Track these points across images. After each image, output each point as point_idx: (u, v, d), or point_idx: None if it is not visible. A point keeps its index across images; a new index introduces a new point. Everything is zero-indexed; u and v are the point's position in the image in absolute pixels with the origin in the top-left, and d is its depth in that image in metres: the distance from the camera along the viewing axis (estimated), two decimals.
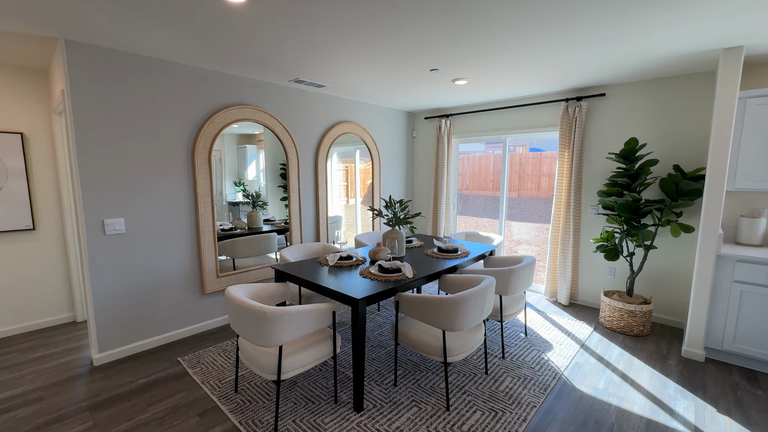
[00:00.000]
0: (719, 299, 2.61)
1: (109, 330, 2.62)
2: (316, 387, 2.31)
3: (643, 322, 3.06)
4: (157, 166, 2.75)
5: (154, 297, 2.81)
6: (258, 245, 3.50)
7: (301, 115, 3.70)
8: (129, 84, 2.57)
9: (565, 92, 3.71)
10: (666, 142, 3.20)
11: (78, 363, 2.61)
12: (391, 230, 2.96)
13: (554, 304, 3.79)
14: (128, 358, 2.67)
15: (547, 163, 11.08)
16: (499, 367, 2.55)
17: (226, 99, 3.10)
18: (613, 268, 3.57)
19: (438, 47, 2.46)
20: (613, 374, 2.50)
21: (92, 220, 2.49)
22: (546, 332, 3.12)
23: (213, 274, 3.12)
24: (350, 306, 2.01)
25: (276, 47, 2.45)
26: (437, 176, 4.82)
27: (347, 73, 3.10)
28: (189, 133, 2.90)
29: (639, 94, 3.30)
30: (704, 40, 2.33)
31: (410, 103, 4.39)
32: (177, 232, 2.89)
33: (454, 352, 2.09)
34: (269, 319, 1.77)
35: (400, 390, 2.29)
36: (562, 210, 3.75)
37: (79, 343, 2.92)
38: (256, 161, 3.39)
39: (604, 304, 3.25)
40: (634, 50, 2.52)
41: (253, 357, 1.97)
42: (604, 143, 3.53)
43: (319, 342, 2.07)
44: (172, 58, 2.69)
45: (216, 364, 2.59)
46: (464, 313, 2.00)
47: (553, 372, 2.50)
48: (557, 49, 2.50)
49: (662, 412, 2.10)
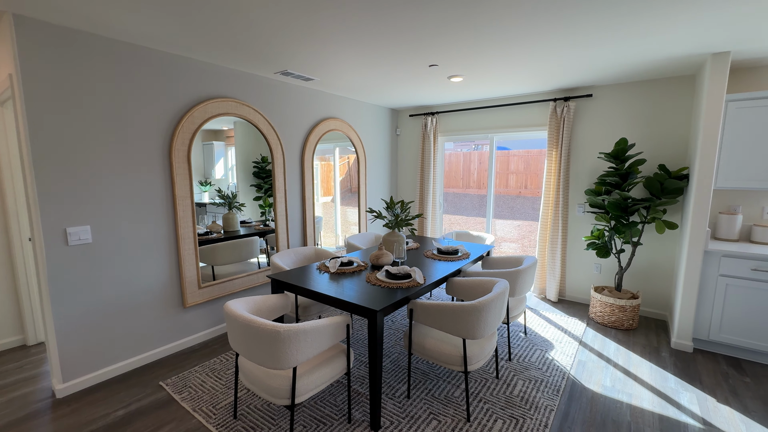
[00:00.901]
0: (706, 292, 2.75)
1: (75, 355, 2.26)
2: (325, 406, 2.13)
3: (632, 316, 3.18)
4: (129, 166, 2.41)
5: (127, 314, 2.47)
6: (240, 251, 3.22)
7: (287, 110, 3.45)
8: (92, 70, 2.22)
9: (553, 92, 3.76)
10: (650, 142, 3.33)
11: (36, 396, 2.23)
12: (392, 233, 2.83)
13: (544, 301, 3.85)
14: (99, 386, 2.33)
15: (513, 161, 11.48)
16: (508, 370, 2.51)
17: (206, 91, 2.79)
18: (599, 264, 3.68)
19: (440, 42, 2.35)
20: (615, 370, 2.54)
21: (52, 228, 2.12)
22: (543, 330, 3.14)
23: (194, 285, 2.81)
24: (366, 318, 1.86)
25: (266, 33, 2.22)
26: (423, 175, 4.74)
27: (341, 66, 2.91)
28: (165, 128, 2.57)
29: (624, 95, 3.41)
30: (693, 45, 2.41)
31: (396, 100, 4.26)
32: (153, 239, 2.56)
33: (473, 360, 2.01)
34: (284, 339, 1.57)
35: (414, 402, 2.17)
36: (551, 208, 3.81)
37: (33, 371, 2.51)
38: (224, 159, 3.08)
39: (595, 300, 3.34)
40: (623, 53, 2.57)
41: (259, 380, 1.76)
42: (591, 143, 3.62)
43: (332, 359, 1.90)
44: (144, 42, 2.36)
45: (206, 386, 2.32)
46: (486, 319, 1.92)
47: (560, 372, 2.50)
48: (551, 49, 2.48)
49: (670, 406, 2.15)
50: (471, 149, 13.79)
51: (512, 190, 11.37)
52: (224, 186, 3.10)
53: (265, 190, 3.38)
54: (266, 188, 3.38)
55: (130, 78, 2.37)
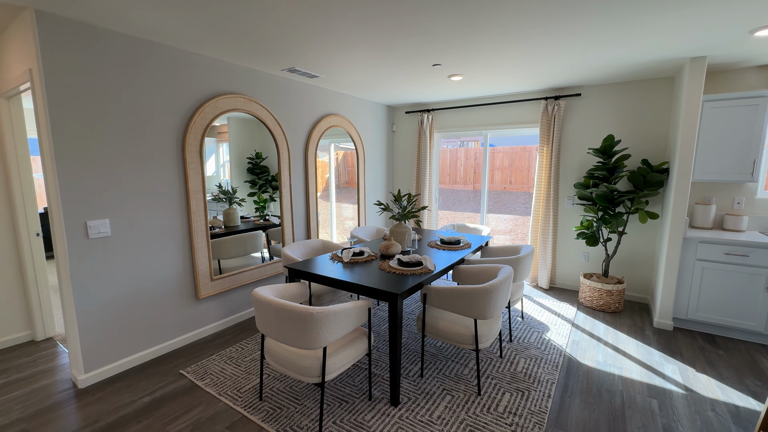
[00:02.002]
0: (684, 276, 3.02)
1: (96, 346, 2.31)
2: (345, 386, 2.26)
3: (618, 300, 3.44)
4: (145, 161, 2.46)
5: (144, 305, 2.53)
6: (245, 245, 3.29)
7: (292, 106, 3.53)
8: (111, 65, 2.25)
9: (545, 91, 3.98)
10: (634, 139, 3.59)
11: (57, 387, 2.27)
12: (399, 224, 2.97)
13: (536, 289, 4.09)
14: (119, 375, 2.38)
15: (499, 157, 11.81)
16: (510, 350, 2.71)
17: (217, 87, 2.85)
18: (587, 253, 3.94)
19: (447, 43, 2.50)
20: (606, 348, 2.78)
21: (74, 222, 2.16)
22: (539, 315, 3.36)
23: (207, 278, 2.88)
24: (386, 301, 2.00)
25: (281, 31, 2.31)
26: (419, 171, 4.90)
27: (348, 65, 3.02)
28: (178, 123, 2.62)
29: (611, 95, 3.65)
30: (674, 50, 2.64)
31: (393, 97, 4.39)
32: (167, 232, 2.62)
33: (483, 339, 2.18)
34: (316, 320, 1.70)
35: (427, 381, 2.33)
36: (542, 201, 4.03)
37: (48, 365, 2.53)
38: (216, 155, 3.08)
39: (585, 286, 3.58)
40: (610, 56, 2.79)
41: (290, 361, 1.87)
42: (579, 139, 3.86)
43: (355, 340, 2.03)
44: (159, 39, 2.41)
45: (226, 373, 2.41)
46: (495, 300, 2.09)
47: (557, 350, 2.71)
48: (546, 50, 2.66)
49: (656, 376, 2.40)
50: (457, 146, 14.06)
51: (497, 185, 11.70)
52: (216, 182, 3.09)
53: (260, 186, 3.41)
54: (261, 184, 3.41)
55: (145, 74, 2.41)
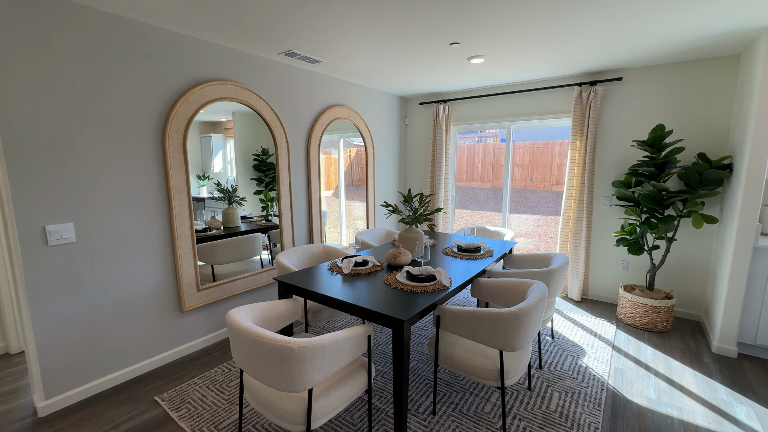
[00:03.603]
0: (753, 293, 2.51)
1: (58, 368, 2.01)
2: (341, 424, 1.89)
3: (667, 318, 2.94)
4: (118, 156, 2.14)
5: (117, 321, 2.22)
6: (241, 249, 2.96)
7: (291, 96, 3.17)
8: (73, 45, 1.94)
9: (578, 76, 3.49)
10: (686, 130, 3.07)
11: (16, 414, 1.99)
12: (409, 229, 2.57)
13: (565, 300, 3.62)
14: (86, 402, 2.08)
15: (519, 153, 11.22)
16: (540, 380, 2.28)
17: (204, 73, 2.52)
18: (626, 261, 3.44)
19: (465, 15, 2.07)
20: (657, 379, 2.31)
21: (28, 226, 1.86)
22: (571, 333, 2.90)
23: (192, 287, 2.56)
24: (390, 328, 1.62)
25: (275, 7, 1.94)
26: (434, 167, 4.48)
27: (352, 45, 2.63)
28: (157, 113, 2.30)
29: (658, 78, 3.14)
30: (745, 19, 2.13)
31: (406, 86, 3.98)
32: (145, 237, 2.31)
33: (510, 374, 1.77)
34: (299, 357, 1.33)
35: (441, 420, 1.93)
36: (574, 201, 3.55)
37: (15, 384, 2.26)
38: (223, 152, 2.82)
39: (625, 300, 3.10)
40: (658, 31, 2.31)
41: (269, 403, 1.51)
42: (619, 130, 3.36)
43: (351, 375, 1.66)
44: (132, 15, 2.08)
45: (206, 401, 2.08)
46: (527, 328, 1.68)
47: (598, 382, 2.27)
48: (582, 24, 2.21)
49: (727, 423, 1.92)
50: (475, 142, 13.51)
51: (517, 183, 11.12)
52: (223, 180, 2.84)
53: (266, 184, 3.11)
54: (267, 182, 3.11)
55: (118, 55, 2.09)
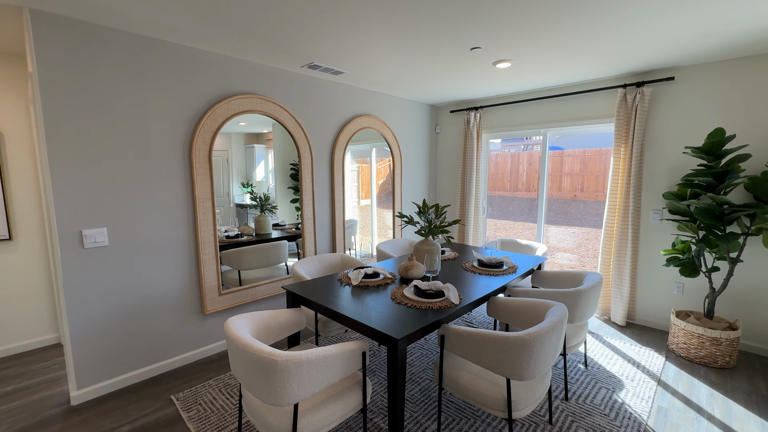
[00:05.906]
0: None
1: (90, 362, 2.19)
2: None
3: (730, 352, 2.53)
4: (148, 166, 2.31)
5: (143, 321, 2.37)
6: (267, 255, 3.05)
7: (315, 107, 3.24)
8: (110, 66, 2.13)
9: (622, 77, 3.18)
10: (752, 134, 2.66)
11: (53, 401, 2.19)
12: (424, 241, 2.48)
13: (607, 324, 3.26)
14: (112, 395, 2.23)
15: (568, 161, 10.53)
16: (564, 413, 2.05)
17: (229, 87, 2.65)
18: (681, 284, 3.03)
19: (482, 16, 1.97)
20: (711, 425, 1.97)
21: (68, 230, 2.06)
22: (608, 362, 2.60)
23: (215, 292, 2.67)
24: (386, 345, 1.54)
25: (293, 21, 1.99)
26: (464, 176, 4.32)
27: (371, 55, 2.62)
28: (185, 126, 2.45)
29: (716, 77, 2.76)
30: None
31: (435, 94, 3.90)
32: (171, 243, 2.45)
33: (520, 406, 1.60)
34: (282, 370, 1.30)
35: None
36: (618, 214, 3.22)
37: (58, 372, 2.49)
38: (265, 161, 3.01)
39: (677, 328, 2.72)
40: (721, 20, 2.00)
41: (259, 414, 1.50)
42: (671, 136, 2.99)
43: (344, 392, 1.60)
44: (162, 35, 2.25)
45: (216, 404, 2.14)
46: (537, 356, 1.51)
47: (634, 422, 1.98)
48: (623, 19, 1.99)
49: None
50: (520, 150, 12.95)
51: (566, 193, 10.41)
52: (264, 188, 3.03)
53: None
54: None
55: (149, 73, 2.27)
